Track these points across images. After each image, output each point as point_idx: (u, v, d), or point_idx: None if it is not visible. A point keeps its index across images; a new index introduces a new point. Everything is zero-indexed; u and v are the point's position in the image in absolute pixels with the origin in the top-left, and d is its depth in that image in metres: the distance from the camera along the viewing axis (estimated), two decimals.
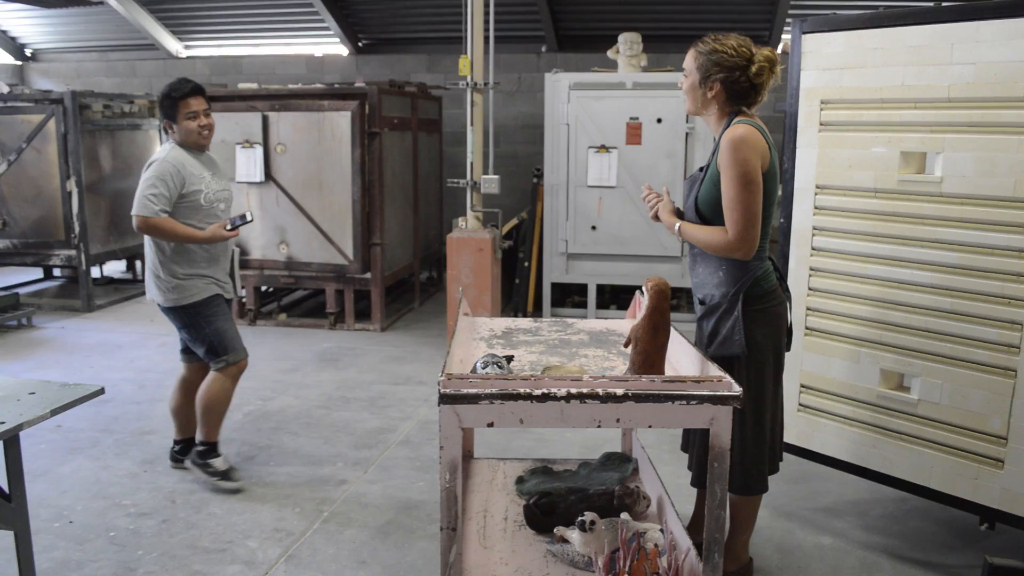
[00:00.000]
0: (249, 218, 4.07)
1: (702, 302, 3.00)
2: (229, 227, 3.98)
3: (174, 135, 3.99)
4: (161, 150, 4.00)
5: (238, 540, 3.59)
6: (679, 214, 3.04)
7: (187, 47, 11.05)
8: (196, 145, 4.00)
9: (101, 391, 2.82)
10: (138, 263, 9.57)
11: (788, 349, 3.08)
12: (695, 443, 3.15)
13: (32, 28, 11.00)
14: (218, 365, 4.09)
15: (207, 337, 4.06)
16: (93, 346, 6.74)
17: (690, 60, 2.89)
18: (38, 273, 9.57)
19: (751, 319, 2.86)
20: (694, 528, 3.22)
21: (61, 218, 7.85)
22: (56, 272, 9.64)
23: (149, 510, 3.86)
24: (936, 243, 3.27)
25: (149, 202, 3.84)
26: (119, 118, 8.38)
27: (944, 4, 3.25)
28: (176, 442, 4.33)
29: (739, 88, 2.81)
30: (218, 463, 4.12)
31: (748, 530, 3.17)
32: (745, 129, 2.75)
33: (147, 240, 4.05)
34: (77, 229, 7.82)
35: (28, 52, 11.50)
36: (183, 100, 3.91)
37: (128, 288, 9.12)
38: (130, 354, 6.50)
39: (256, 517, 3.80)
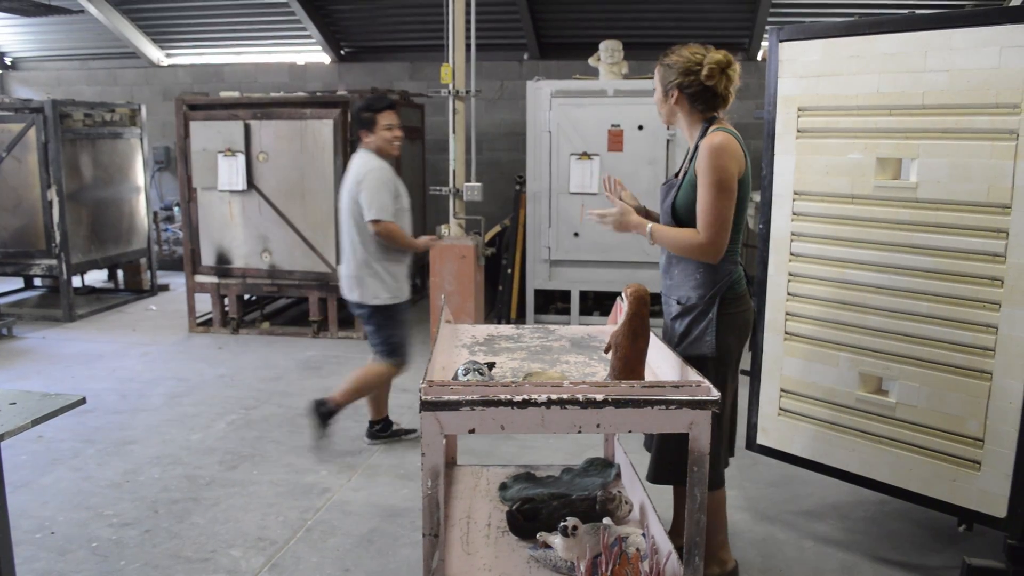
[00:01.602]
0: (445, 233, 4.69)
1: (678, 302, 3.04)
2: (433, 238, 4.69)
3: (368, 143, 4.44)
4: (363, 160, 4.44)
5: (221, 549, 3.59)
6: (644, 213, 3.12)
7: (168, 55, 11.02)
8: (388, 154, 4.46)
9: (82, 401, 2.81)
10: (120, 272, 9.51)
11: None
12: (655, 440, 3.19)
13: (12, 37, 10.93)
14: (389, 361, 4.53)
15: (391, 337, 4.50)
16: (74, 356, 6.70)
17: (656, 74, 3.02)
18: (19, 283, 9.50)
19: (723, 322, 2.93)
20: (675, 532, 3.24)
21: (42, 227, 7.82)
22: (37, 282, 9.58)
23: (131, 520, 3.84)
24: (912, 248, 3.31)
25: (383, 209, 4.32)
26: (100, 127, 8.34)
27: (918, 12, 3.30)
28: (373, 423, 4.83)
29: (694, 92, 2.89)
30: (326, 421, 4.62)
31: (721, 529, 3.18)
32: (724, 137, 2.82)
33: (357, 242, 4.46)
34: (58, 238, 7.78)
35: (8, 60, 11.43)
36: (381, 113, 4.37)
37: (109, 298, 9.07)
38: (111, 364, 6.47)
39: (239, 526, 3.80)
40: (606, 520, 2.88)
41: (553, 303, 7.97)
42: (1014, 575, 3.09)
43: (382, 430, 4.83)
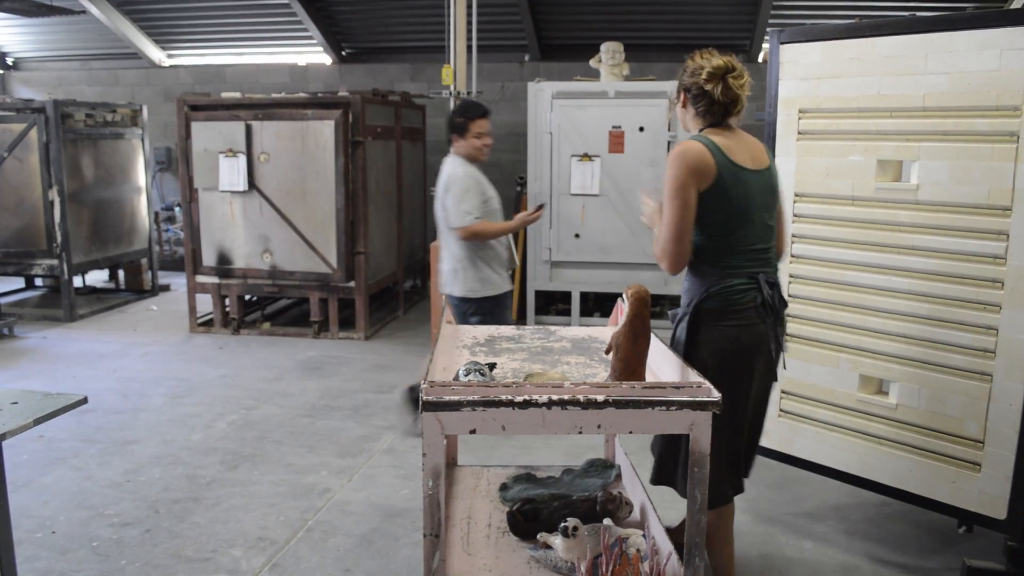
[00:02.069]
0: (545, 204, 4.72)
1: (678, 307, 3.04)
2: (533, 210, 4.72)
3: (458, 148, 4.61)
4: (451, 166, 4.60)
5: (222, 549, 3.59)
6: None
7: (170, 56, 11.03)
8: (476, 159, 4.61)
9: (84, 400, 2.81)
10: (121, 272, 9.51)
11: (774, 378, 3.00)
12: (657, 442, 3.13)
13: (14, 37, 10.94)
14: None
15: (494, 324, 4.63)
16: (75, 356, 6.70)
17: None
18: (20, 283, 9.50)
19: (701, 335, 2.85)
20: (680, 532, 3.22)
21: (43, 227, 7.82)
22: (38, 282, 9.58)
23: (132, 520, 3.85)
24: (913, 250, 3.32)
25: (467, 215, 4.46)
26: (101, 127, 8.35)
27: (919, 15, 3.31)
28: (413, 389, 4.90)
29: (696, 96, 2.85)
30: None
31: (721, 553, 3.12)
32: (688, 143, 2.78)
33: (451, 240, 4.62)
34: (59, 238, 7.79)
35: (9, 61, 11.44)
36: (474, 121, 4.54)
37: (110, 298, 9.08)
38: (113, 364, 6.48)
39: (240, 526, 3.80)
40: (607, 521, 2.88)
41: (554, 304, 7.98)
42: None
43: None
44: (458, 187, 4.48)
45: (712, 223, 2.80)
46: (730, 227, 2.81)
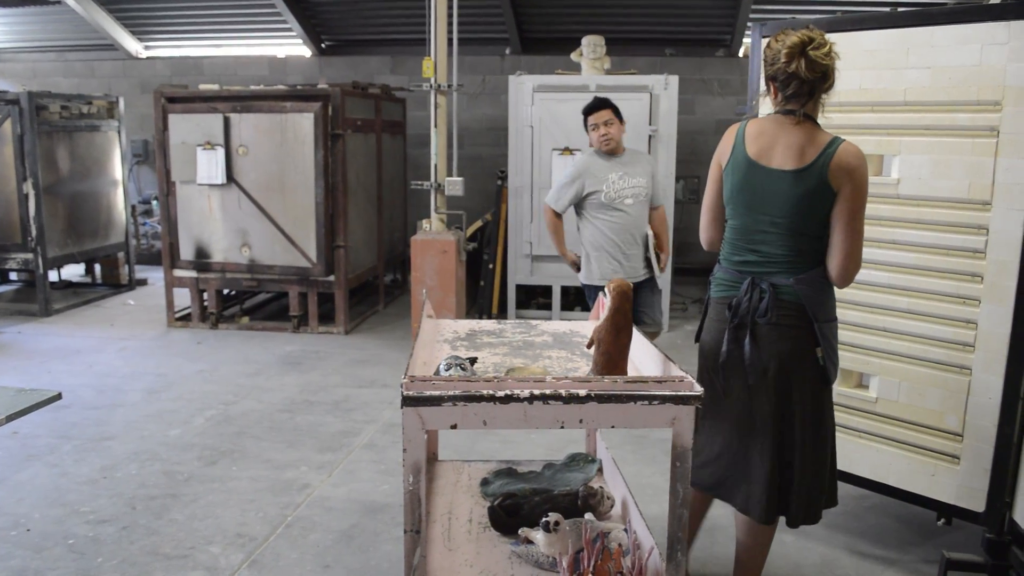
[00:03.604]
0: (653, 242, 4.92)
1: None
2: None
3: (589, 142, 4.88)
4: (580, 155, 4.97)
5: (200, 546, 3.55)
6: None
7: (147, 47, 10.91)
8: (602, 150, 4.77)
9: (58, 396, 2.78)
10: (97, 266, 9.41)
11: (755, 399, 2.77)
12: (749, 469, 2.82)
13: None
14: None
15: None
16: (51, 351, 6.62)
17: None
18: None
19: (704, 324, 2.95)
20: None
21: (17, 221, 7.70)
22: (12, 276, 9.46)
23: (109, 517, 3.80)
24: (893, 244, 3.32)
25: (555, 200, 4.82)
26: (77, 119, 8.24)
27: (900, 9, 3.31)
28: None
29: (784, 81, 2.65)
30: None
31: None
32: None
33: (578, 227, 4.93)
34: (34, 232, 7.68)
35: None
36: (589, 116, 4.77)
37: (87, 292, 8.97)
38: (89, 359, 6.40)
39: (218, 523, 3.76)
40: (588, 516, 2.87)
41: (534, 298, 7.97)
42: (993, 569, 3.11)
43: None
44: (563, 175, 4.87)
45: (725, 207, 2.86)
46: (729, 215, 2.83)
